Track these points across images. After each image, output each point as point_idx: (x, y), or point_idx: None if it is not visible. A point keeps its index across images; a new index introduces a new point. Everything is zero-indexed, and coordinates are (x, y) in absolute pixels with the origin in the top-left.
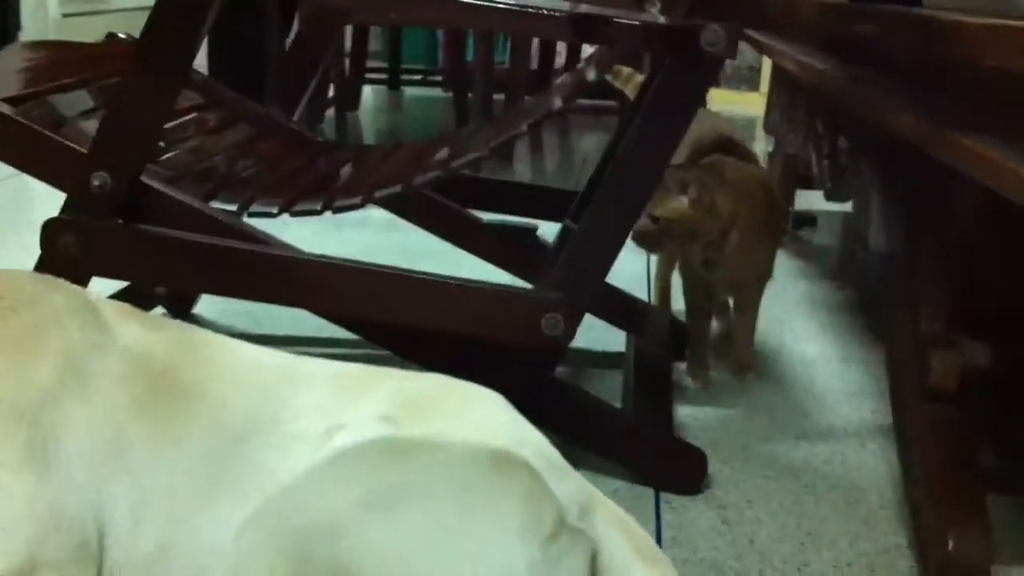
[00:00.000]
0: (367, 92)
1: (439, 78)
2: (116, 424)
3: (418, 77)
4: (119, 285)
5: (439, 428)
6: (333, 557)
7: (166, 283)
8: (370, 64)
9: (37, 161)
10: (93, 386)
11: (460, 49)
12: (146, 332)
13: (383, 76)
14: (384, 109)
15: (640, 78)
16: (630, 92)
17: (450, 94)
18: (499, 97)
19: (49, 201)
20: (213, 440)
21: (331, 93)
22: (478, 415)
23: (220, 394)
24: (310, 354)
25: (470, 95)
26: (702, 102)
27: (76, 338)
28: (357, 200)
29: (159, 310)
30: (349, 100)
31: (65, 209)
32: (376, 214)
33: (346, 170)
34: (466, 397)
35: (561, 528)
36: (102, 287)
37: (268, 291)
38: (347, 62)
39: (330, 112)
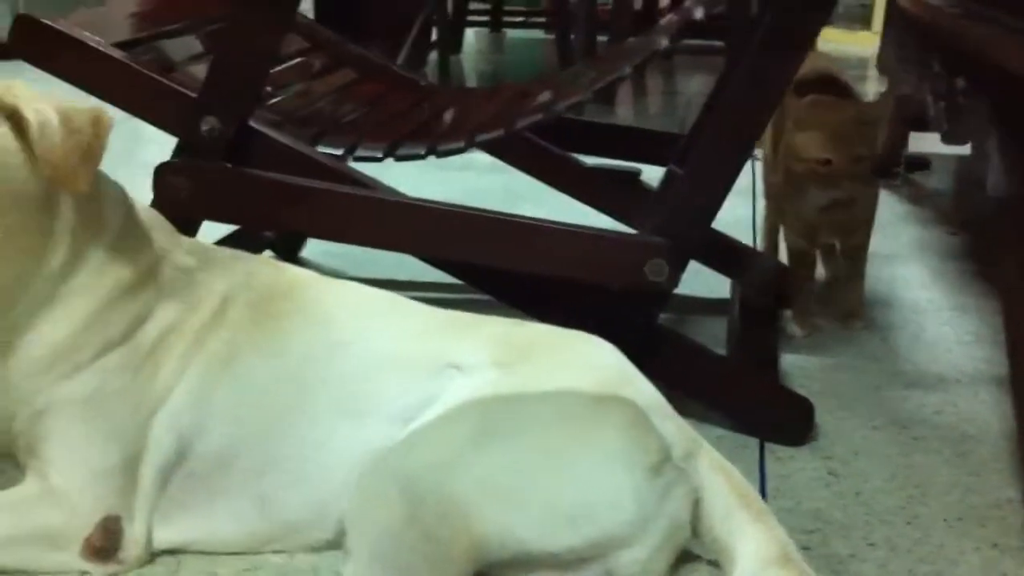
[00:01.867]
0: (469, 35)
1: (542, 19)
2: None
3: (520, 19)
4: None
5: (546, 369)
6: (443, 493)
7: (272, 226)
8: (472, 6)
9: (148, 106)
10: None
11: None
12: (257, 267)
13: (485, 18)
14: (486, 51)
15: None
16: None
17: (552, 35)
18: (603, 38)
19: (161, 144)
20: (316, 351)
21: (434, 36)
22: (584, 358)
23: (326, 316)
24: (413, 299)
25: (573, 36)
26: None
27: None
28: (460, 144)
29: (268, 252)
30: (452, 43)
31: (176, 153)
32: (480, 156)
33: (449, 113)
34: (572, 342)
35: (665, 463)
36: (214, 230)
37: (372, 235)
38: (449, 4)
39: (433, 55)
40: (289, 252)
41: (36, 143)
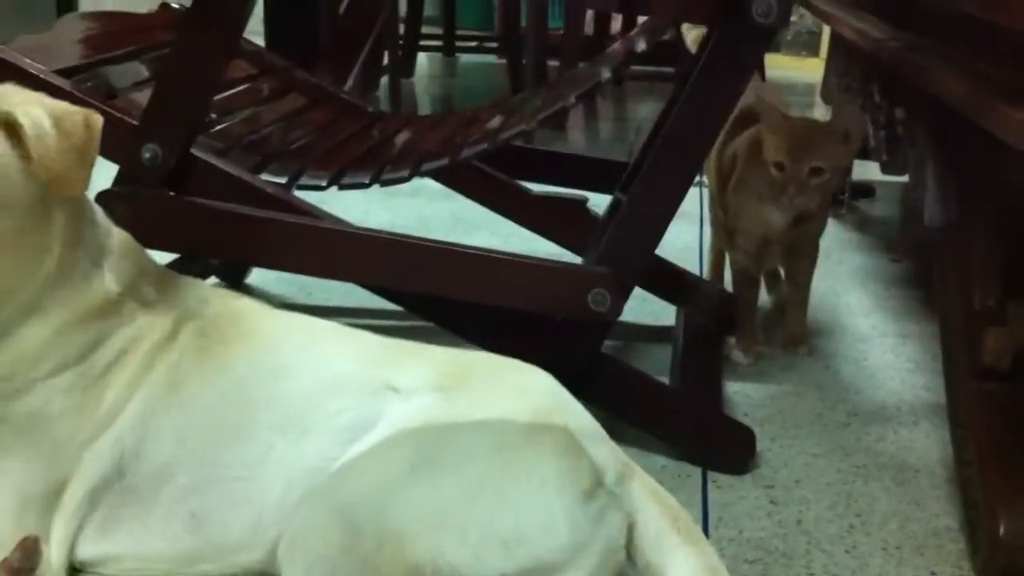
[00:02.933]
0: (422, 58)
1: (494, 44)
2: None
3: (473, 44)
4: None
5: (481, 395)
6: (380, 522)
7: (215, 254)
8: (425, 31)
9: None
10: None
11: (515, 14)
12: (208, 294)
13: (438, 43)
14: (439, 75)
15: None
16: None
17: (504, 60)
18: (554, 63)
19: (105, 172)
20: (258, 373)
21: (386, 60)
22: (519, 384)
23: (271, 341)
24: (358, 326)
25: (524, 61)
26: (755, 71)
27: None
28: (405, 173)
29: (212, 279)
30: (404, 67)
31: (117, 181)
32: (429, 183)
33: (396, 140)
34: (508, 369)
35: (598, 489)
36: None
37: (317, 264)
38: (401, 28)
39: (384, 79)
40: (235, 278)
41: (32, 147)
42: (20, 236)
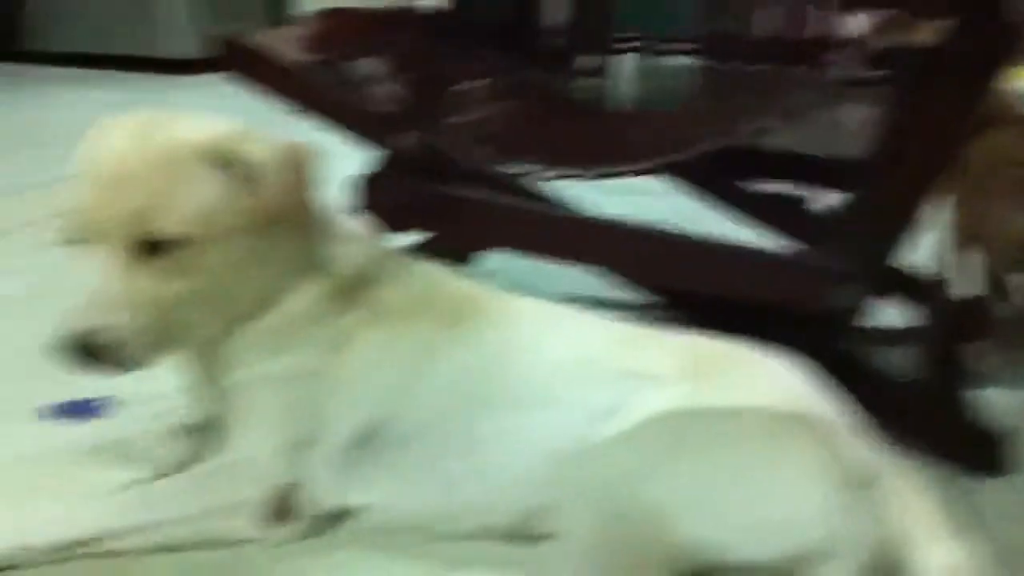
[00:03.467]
0: (627, 57)
1: (687, 45)
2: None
3: (676, 44)
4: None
5: (733, 384)
6: (640, 501)
7: (461, 239)
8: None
9: (350, 121)
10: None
11: (712, 15)
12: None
13: (640, 44)
14: (631, 76)
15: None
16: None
17: (707, 61)
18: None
19: (346, 158)
20: (501, 351)
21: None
22: (771, 375)
23: (510, 321)
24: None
25: (720, 64)
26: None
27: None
28: (641, 166)
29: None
30: (610, 65)
31: (374, 168)
32: (644, 180)
33: (624, 134)
34: (759, 359)
35: (854, 482)
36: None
37: (558, 249)
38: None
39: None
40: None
41: (258, 185)
42: (281, 244)
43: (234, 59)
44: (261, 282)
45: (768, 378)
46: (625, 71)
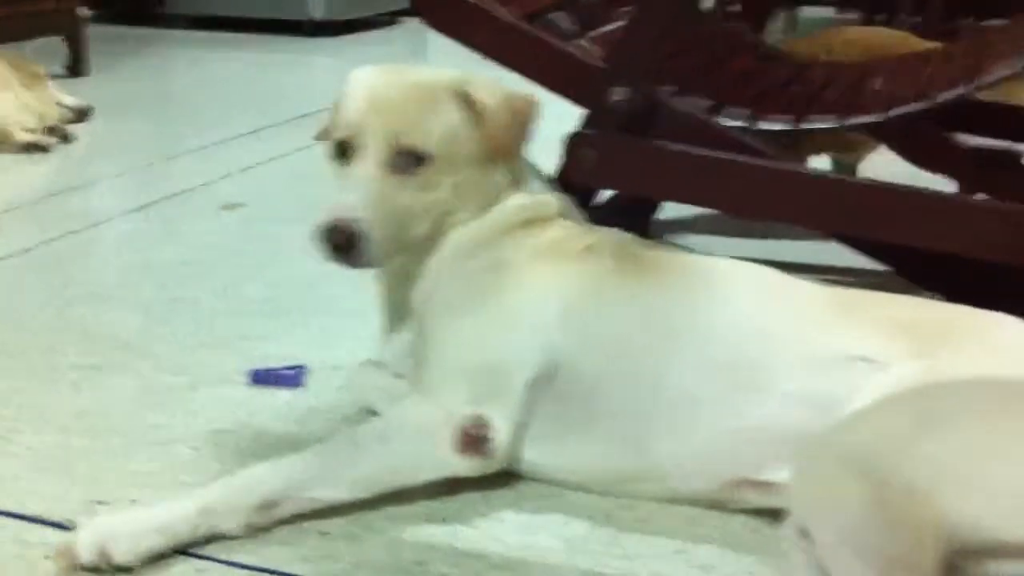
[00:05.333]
0: None
1: None
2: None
3: None
4: None
5: (973, 355)
6: (903, 476)
7: (679, 198)
8: None
9: (557, 77)
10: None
11: None
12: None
13: None
14: (778, 30)
15: None
16: None
17: (846, 14)
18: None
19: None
20: (689, 304)
21: None
22: (1005, 342)
23: (699, 274)
24: None
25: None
26: None
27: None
28: (874, 116)
29: None
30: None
31: (586, 123)
32: None
33: (837, 87)
34: (994, 325)
35: None
36: None
37: (776, 207)
38: None
39: None
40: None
41: (485, 123)
42: (474, 178)
43: (433, 11)
44: (472, 202)
45: (1010, 345)
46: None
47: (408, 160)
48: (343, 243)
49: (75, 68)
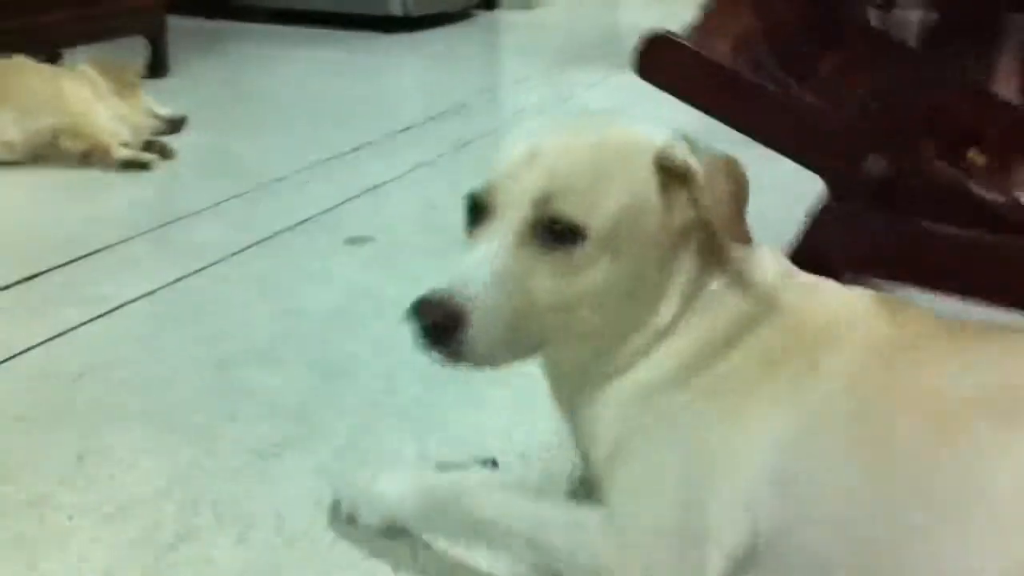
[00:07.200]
0: None
1: None
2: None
3: None
4: None
5: None
6: None
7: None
8: None
9: (798, 142)
10: None
11: None
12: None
13: None
14: None
15: None
16: None
17: None
18: None
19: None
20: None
21: None
22: None
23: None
24: None
25: None
26: None
27: None
28: None
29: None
30: None
31: (826, 198)
32: None
33: None
34: None
35: None
36: None
37: None
38: None
39: None
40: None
41: (702, 195)
42: (649, 274)
43: (657, 62)
44: (641, 305)
45: None
46: None
47: (558, 234)
48: (439, 325)
49: (155, 70)
